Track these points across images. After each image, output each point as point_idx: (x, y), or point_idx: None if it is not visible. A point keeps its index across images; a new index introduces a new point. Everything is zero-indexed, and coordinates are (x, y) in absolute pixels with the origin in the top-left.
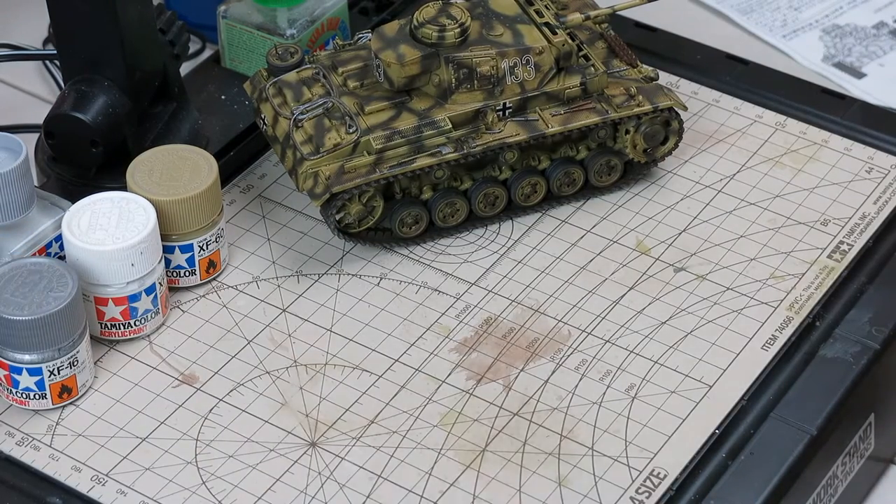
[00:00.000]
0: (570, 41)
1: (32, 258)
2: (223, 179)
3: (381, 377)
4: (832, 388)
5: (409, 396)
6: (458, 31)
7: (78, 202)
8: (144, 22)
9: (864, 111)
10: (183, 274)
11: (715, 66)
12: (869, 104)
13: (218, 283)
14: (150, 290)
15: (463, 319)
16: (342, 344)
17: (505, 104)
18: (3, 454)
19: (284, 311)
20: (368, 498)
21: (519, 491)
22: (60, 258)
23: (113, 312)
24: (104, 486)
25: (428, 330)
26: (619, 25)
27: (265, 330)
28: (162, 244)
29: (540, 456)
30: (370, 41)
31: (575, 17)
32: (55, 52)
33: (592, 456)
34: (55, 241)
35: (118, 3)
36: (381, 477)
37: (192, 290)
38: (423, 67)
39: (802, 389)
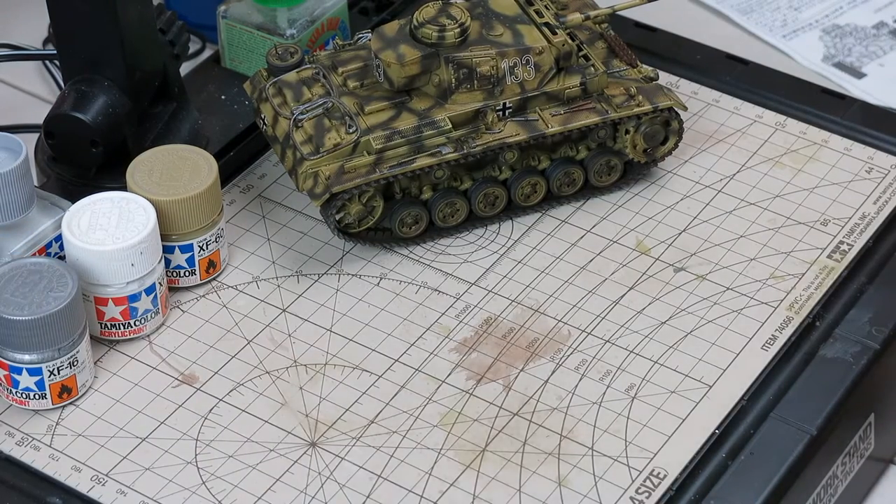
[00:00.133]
0: (570, 41)
1: (32, 258)
2: (223, 179)
3: (381, 377)
4: (832, 388)
5: (409, 396)
6: (458, 31)
7: (78, 202)
8: (144, 22)
9: (864, 111)
10: (183, 274)
11: (715, 66)
12: (869, 104)
13: (218, 283)
14: (149, 290)
15: (463, 319)
16: (342, 344)
17: (505, 104)
18: (3, 454)
19: (284, 311)
20: (368, 498)
21: (519, 491)
22: (60, 258)
23: (113, 312)
24: (104, 486)
25: (428, 330)
26: (619, 25)
27: (265, 330)
28: (162, 244)
29: (540, 456)
30: (370, 41)
31: (575, 17)
32: (55, 52)
33: (592, 456)
34: (55, 241)
35: (118, 3)
36: (381, 477)
37: (191, 290)
38: (422, 67)
39: (802, 389)
